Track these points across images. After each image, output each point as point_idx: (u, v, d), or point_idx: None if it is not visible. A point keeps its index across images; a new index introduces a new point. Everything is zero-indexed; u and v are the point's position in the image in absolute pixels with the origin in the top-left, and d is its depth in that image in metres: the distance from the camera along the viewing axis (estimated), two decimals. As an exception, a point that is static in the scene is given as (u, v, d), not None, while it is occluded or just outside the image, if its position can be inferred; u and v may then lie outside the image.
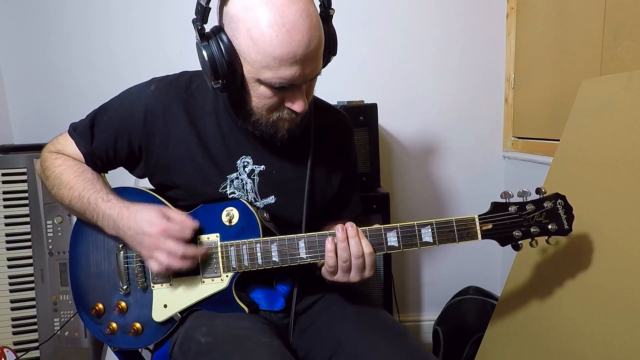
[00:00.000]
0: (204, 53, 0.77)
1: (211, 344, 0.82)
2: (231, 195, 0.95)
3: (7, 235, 1.50)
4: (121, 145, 0.94)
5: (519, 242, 0.82)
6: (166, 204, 0.95)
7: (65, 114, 1.04)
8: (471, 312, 1.67)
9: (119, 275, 0.94)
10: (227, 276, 0.90)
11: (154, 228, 0.83)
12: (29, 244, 1.50)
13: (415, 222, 0.82)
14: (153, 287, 0.93)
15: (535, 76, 1.69)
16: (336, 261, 0.83)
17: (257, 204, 0.96)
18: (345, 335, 0.89)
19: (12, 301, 1.51)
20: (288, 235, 0.87)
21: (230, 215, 0.90)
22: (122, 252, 0.94)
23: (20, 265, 1.50)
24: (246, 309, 0.91)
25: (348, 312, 0.95)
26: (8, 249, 1.50)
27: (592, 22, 1.32)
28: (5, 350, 1.47)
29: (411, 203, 1.94)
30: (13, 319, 1.51)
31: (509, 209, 0.80)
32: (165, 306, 0.92)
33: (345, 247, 0.82)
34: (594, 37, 1.32)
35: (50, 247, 1.49)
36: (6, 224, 1.50)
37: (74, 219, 0.99)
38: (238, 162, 0.94)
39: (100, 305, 0.95)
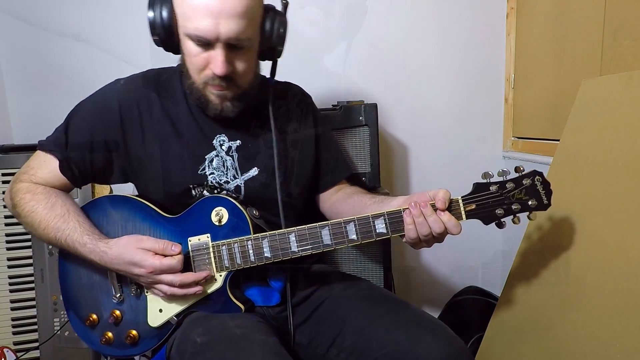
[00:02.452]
0: (149, 13, 0.87)
1: (207, 343, 0.82)
2: (211, 176, 0.96)
3: (7, 235, 1.50)
4: (98, 143, 0.95)
5: (502, 219, 0.84)
6: (157, 212, 0.94)
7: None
8: (471, 312, 1.68)
9: (112, 284, 0.93)
10: (220, 276, 0.90)
11: (142, 270, 0.84)
12: (29, 244, 1.50)
13: (401, 208, 0.83)
14: (147, 292, 0.92)
15: (535, 76, 1.69)
16: (417, 233, 0.83)
17: (238, 181, 0.97)
18: (349, 313, 0.92)
19: (12, 301, 1.51)
20: (279, 231, 0.88)
21: (220, 215, 0.90)
22: None
23: (20, 265, 1.50)
24: (242, 307, 0.91)
25: (348, 293, 0.98)
26: (8, 249, 1.50)
27: (592, 22, 1.32)
28: (5, 350, 1.47)
29: (411, 203, 1.94)
30: (13, 319, 1.51)
31: (490, 188, 0.82)
32: (160, 311, 0.91)
33: (423, 222, 0.81)
34: (594, 37, 1.32)
35: (50, 247, 1.49)
36: (6, 224, 1.50)
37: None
38: (214, 141, 0.98)
39: (95, 316, 0.94)
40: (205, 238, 0.91)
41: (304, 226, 0.87)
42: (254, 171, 0.99)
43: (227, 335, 0.83)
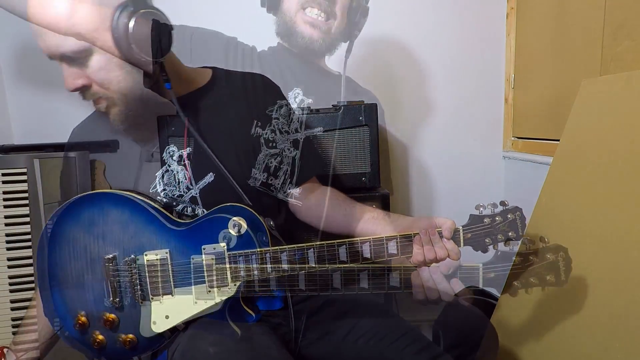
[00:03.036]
0: None
1: (220, 354, 0.82)
2: (163, 193, 0.96)
3: (7, 235, 1.50)
4: None
5: (487, 247, 0.96)
6: (167, 215, 0.92)
7: (66, 114, 1.04)
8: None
9: (110, 287, 0.89)
10: (235, 285, 0.89)
11: None
12: (29, 244, 1.50)
13: (412, 233, 0.90)
14: (152, 298, 0.89)
15: (535, 76, 1.69)
16: (424, 257, 0.89)
17: (192, 191, 0.96)
18: (369, 303, 1.00)
19: (12, 301, 1.51)
20: (298, 245, 0.88)
21: (238, 225, 0.89)
22: (111, 262, 0.89)
23: (20, 265, 1.50)
24: (253, 314, 0.92)
25: (363, 287, 1.00)
26: (8, 249, 1.50)
27: (592, 22, 1.32)
28: (5, 350, 1.47)
29: (411, 203, 1.94)
30: (13, 319, 1.51)
31: (484, 220, 0.92)
32: (167, 317, 0.89)
33: (431, 248, 0.88)
34: (594, 37, 1.32)
35: (50, 247, 1.49)
36: (6, 224, 1.49)
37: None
38: (164, 154, 0.96)
39: (84, 318, 0.90)
40: (221, 247, 0.89)
41: (322, 242, 0.88)
42: (209, 177, 0.96)
43: (241, 347, 0.83)
